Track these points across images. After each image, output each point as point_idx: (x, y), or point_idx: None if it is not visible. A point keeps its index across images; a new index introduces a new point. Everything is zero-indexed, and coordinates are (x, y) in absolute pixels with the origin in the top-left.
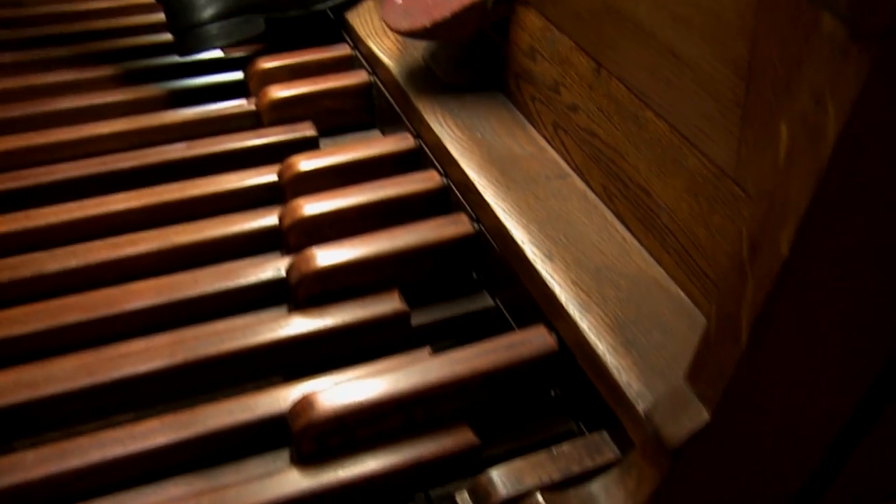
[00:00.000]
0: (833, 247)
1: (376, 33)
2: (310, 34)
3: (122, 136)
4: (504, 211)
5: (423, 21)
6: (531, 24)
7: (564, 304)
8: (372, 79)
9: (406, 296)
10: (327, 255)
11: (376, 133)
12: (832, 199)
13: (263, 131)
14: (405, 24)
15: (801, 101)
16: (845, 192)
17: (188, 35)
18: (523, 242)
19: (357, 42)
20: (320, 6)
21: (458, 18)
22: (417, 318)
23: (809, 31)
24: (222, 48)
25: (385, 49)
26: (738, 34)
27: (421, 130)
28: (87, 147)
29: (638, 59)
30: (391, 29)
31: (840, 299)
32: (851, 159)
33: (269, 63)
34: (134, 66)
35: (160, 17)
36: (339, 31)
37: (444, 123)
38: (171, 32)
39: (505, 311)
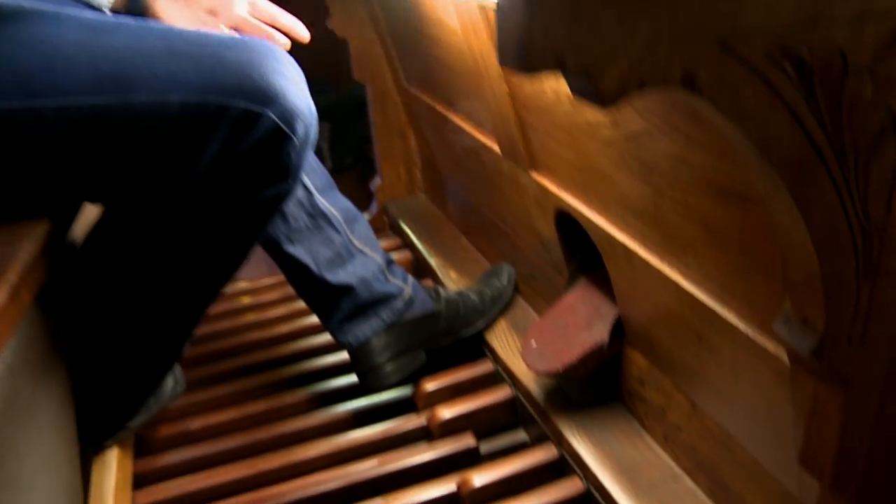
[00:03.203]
0: None
1: (514, 354)
2: (458, 351)
3: (326, 456)
4: None
5: (556, 365)
6: (638, 361)
7: None
8: (514, 392)
9: None
10: None
11: (521, 433)
12: None
13: (436, 444)
14: (542, 367)
15: None
16: None
17: (370, 376)
18: None
19: (497, 358)
20: (466, 332)
21: (582, 361)
22: None
23: None
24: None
25: (523, 371)
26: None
27: (561, 442)
28: (301, 468)
29: (723, 410)
30: (530, 369)
31: None
32: None
33: (432, 386)
34: (322, 388)
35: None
36: (480, 346)
37: (579, 438)
38: (356, 374)
39: None
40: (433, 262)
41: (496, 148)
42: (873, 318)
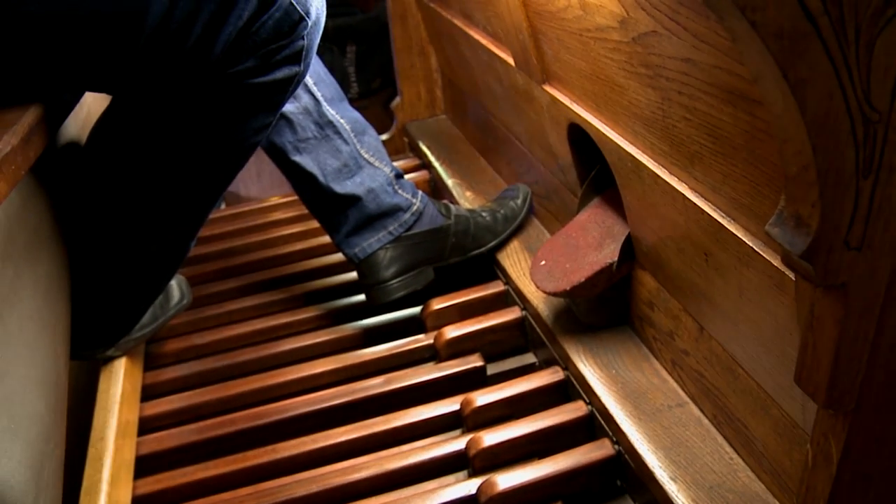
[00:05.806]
0: None
1: (525, 274)
2: (470, 273)
3: (333, 373)
4: (638, 440)
5: (563, 285)
6: (648, 283)
7: None
8: (524, 313)
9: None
10: (507, 480)
11: (530, 356)
12: (843, 489)
13: (443, 365)
14: (550, 287)
15: (817, 432)
16: (851, 485)
17: (376, 290)
18: (654, 467)
19: (508, 280)
20: (476, 251)
21: (590, 280)
22: None
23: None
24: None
25: (533, 292)
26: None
27: (568, 365)
28: (307, 383)
29: (729, 333)
30: (538, 289)
31: None
32: (848, 469)
33: (440, 304)
34: (332, 306)
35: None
36: (493, 267)
37: (585, 361)
38: (363, 289)
39: None
40: (450, 182)
41: (511, 60)
42: (875, 221)
